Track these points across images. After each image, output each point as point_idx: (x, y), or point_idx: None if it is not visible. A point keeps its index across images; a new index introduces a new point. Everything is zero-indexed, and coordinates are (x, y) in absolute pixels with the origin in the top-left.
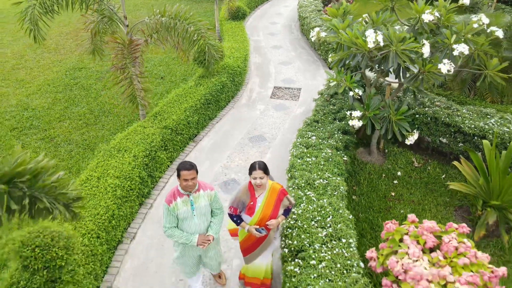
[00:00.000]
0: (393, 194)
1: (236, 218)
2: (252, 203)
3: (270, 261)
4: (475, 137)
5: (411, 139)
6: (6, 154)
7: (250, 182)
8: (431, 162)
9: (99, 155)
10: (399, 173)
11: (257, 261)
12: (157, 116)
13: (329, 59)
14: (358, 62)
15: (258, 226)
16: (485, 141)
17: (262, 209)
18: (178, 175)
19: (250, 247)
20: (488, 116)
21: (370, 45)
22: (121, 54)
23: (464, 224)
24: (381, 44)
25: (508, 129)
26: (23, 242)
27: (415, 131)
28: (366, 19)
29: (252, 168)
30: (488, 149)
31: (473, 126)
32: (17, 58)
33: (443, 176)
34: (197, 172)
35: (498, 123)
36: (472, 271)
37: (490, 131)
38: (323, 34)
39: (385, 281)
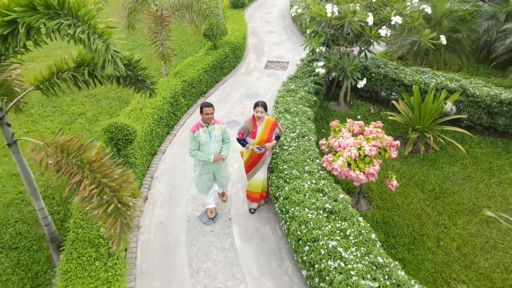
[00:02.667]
0: None
1: (243, 141)
2: (254, 129)
3: (266, 176)
4: (413, 87)
5: (361, 84)
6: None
7: (253, 116)
8: (384, 110)
9: (138, 96)
10: (358, 117)
11: (256, 176)
12: (177, 74)
13: (307, 31)
14: (323, 29)
15: (258, 146)
16: (414, 86)
17: (261, 134)
18: (201, 111)
19: (252, 164)
20: (424, 73)
21: (329, 14)
22: (154, 23)
23: (379, 122)
24: (336, 14)
25: (435, 80)
26: (109, 125)
27: (364, 78)
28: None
29: (256, 105)
30: (416, 91)
31: (411, 79)
32: None
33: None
34: (214, 109)
35: (430, 77)
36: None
37: (423, 83)
38: (299, 10)
39: (322, 141)
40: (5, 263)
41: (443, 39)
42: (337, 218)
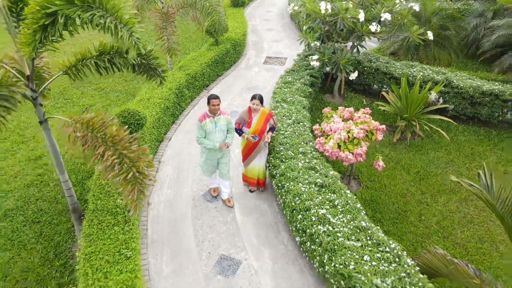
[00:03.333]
0: None
1: (239, 131)
2: (249, 120)
3: (263, 165)
4: (401, 79)
5: (353, 76)
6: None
7: (249, 107)
8: (375, 102)
9: (145, 88)
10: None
11: (252, 163)
12: (181, 68)
13: (304, 27)
14: (317, 26)
15: (252, 135)
16: (402, 78)
17: (256, 124)
18: (208, 102)
19: (248, 153)
20: (413, 67)
21: (323, 11)
22: (161, 19)
23: (367, 108)
24: (330, 11)
25: (422, 73)
26: (122, 110)
27: (356, 71)
28: None
29: (253, 97)
30: (403, 83)
31: (401, 72)
32: None
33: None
34: (220, 101)
35: (418, 71)
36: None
37: (411, 75)
38: (296, 7)
39: (315, 126)
40: (29, 235)
41: (430, 35)
42: (327, 191)
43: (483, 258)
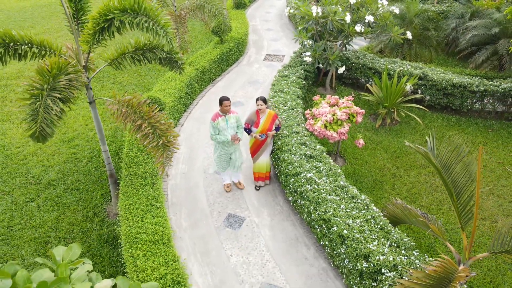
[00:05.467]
0: None
1: (248, 130)
2: (257, 120)
3: (268, 159)
4: (383, 72)
5: (341, 70)
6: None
7: (257, 110)
8: (362, 94)
9: (160, 81)
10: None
11: (260, 159)
12: (191, 63)
13: (299, 28)
14: (310, 26)
15: (260, 134)
16: (383, 72)
17: (263, 124)
18: (220, 104)
19: (256, 149)
20: (395, 63)
21: (314, 14)
22: (174, 21)
23: (351, 96)
24: (320, 14)
25: (402, 68)
26: (146, 97)
27: (344, 66)
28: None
29: (257, 100)
30: (384, 76)
31: (383, 67)
32: None
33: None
34: (230, 102)
35: (399, 66)
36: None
37: (392, 70)
38: (292, 10)
39: (307, 111)
40: (71, 199)
41: (409, 35)
42: (314, 160)
43: (442, 216)
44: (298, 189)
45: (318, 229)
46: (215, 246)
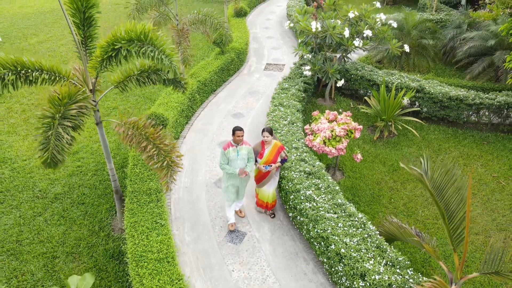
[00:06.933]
0: None
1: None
2: (262, 151)
3: (273, 191)
4: (380, 86)
5: (340, 83)
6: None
7: (262, 140)
8: (361, 105)
9: (163, 94)
10: (340, 110)
11: (264, 188)
12: (192, 75)
13: (299, 40)
14: (310, 40)
15: (264, 165)
16: (381, 85)
17: (267, 155)
18: (233, 133)
19: (260, 179)
20: (393, 75)
21: (313, 29)
22: (177, 35)
23: (349, 112)
24: (319, 29)
25: (400, 81)
26: (150, 113)
27: (342, 79)
28: (317, 15)
29: (263, 130)
30: (382, 89)
31: (382, 79)
32: None
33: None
34: (243, 132)
35: (397, 78)
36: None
37: (391, 83)
38: (292, 24)
39: (306, 126)
40: (77, 213)
41: (406, 48)
42: (313, 177)
43: (437, 231)
44: (298, 206)
45: (317, 246)
46: (217, 261)
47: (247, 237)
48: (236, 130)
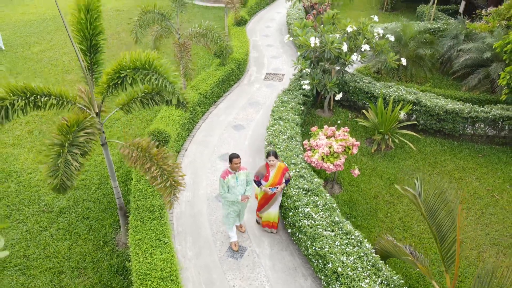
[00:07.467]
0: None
1: (258, 183)
2: (267, 174)
3: (277, 212)
4: (378, 99)
5: (338, 97)
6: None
7: (266, 163)
8: (360, 116)
9: (164, 107)
10: (338, 121)
11: (268, 211)
12: (193, 87)
13: (298, 53)
14: (309, 54)
15: (270, 187)
16: (379, 99)
17: (273, 178)
18: (230, 161)
19: (264, 203)
20: (390, 87)
21: (312, 44)
22: (178, 49)
23: (346, 128)
24: (318, 44)
25: (397, 93)
26: (152, 130)
27: (341, 92)
28: (317, 30)
29: (268, 154)
30: (379, 103)
31: (378, 92)
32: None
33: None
34: (240, 159)
35: (394, 90)
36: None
37: (388, 95)
38: (291, 38)
39: (305, 141)
40: (82, 227)
41: (403, 61)
42: (312, 194)
43: (432, 246)
44: (296, 223)
45: (315, 263)
46: (218, 276)
47: (247, 252)
48: (233, 157)
